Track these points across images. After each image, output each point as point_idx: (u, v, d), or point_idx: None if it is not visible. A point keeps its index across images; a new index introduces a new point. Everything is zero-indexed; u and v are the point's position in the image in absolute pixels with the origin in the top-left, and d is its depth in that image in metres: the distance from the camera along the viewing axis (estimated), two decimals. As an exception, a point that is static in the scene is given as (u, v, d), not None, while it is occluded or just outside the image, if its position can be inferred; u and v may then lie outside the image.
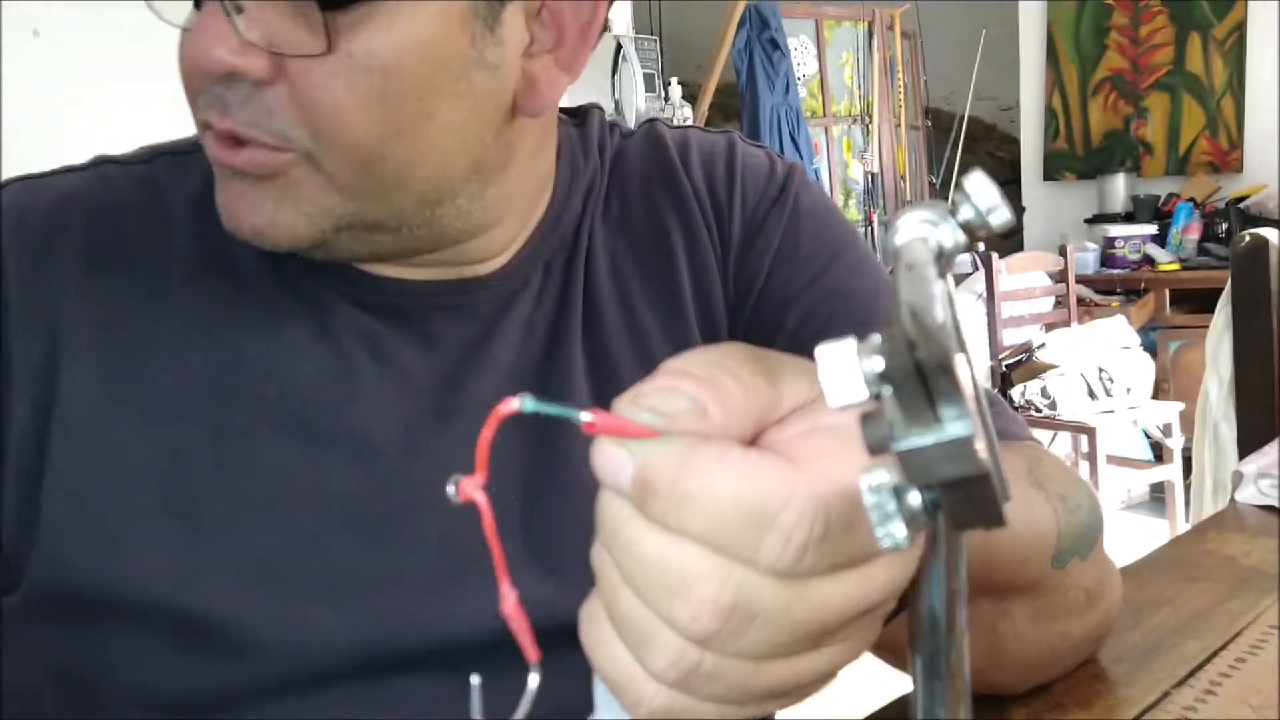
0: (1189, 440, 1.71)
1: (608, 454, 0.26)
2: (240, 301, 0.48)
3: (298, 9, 0.40)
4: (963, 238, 0.29)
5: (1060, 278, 3.21)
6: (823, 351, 0.24)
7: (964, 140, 4.62)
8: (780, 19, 3.84)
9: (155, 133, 0.57)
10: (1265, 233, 1.25)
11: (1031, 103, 4.39)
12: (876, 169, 4.33)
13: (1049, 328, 3.17)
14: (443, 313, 0.51)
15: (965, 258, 3.40)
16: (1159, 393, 3.17)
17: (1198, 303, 3.54)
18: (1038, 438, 0.57)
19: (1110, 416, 2.81)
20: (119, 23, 2.02)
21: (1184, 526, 2.71)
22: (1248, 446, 1.21)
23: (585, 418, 0.26)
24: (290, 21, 0.41)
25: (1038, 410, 2.87)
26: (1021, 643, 0.48)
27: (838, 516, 0.25)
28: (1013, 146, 4.80)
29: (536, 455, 0.51)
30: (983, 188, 0.29)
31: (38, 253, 0.47)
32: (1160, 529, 2.93)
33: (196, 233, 0.49)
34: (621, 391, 0.53)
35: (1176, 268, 3.72)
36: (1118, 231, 3.90)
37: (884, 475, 0.24)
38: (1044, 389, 2.86)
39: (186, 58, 0.42)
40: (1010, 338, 3.08)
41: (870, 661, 0.31)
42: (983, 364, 2.99)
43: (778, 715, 0.45)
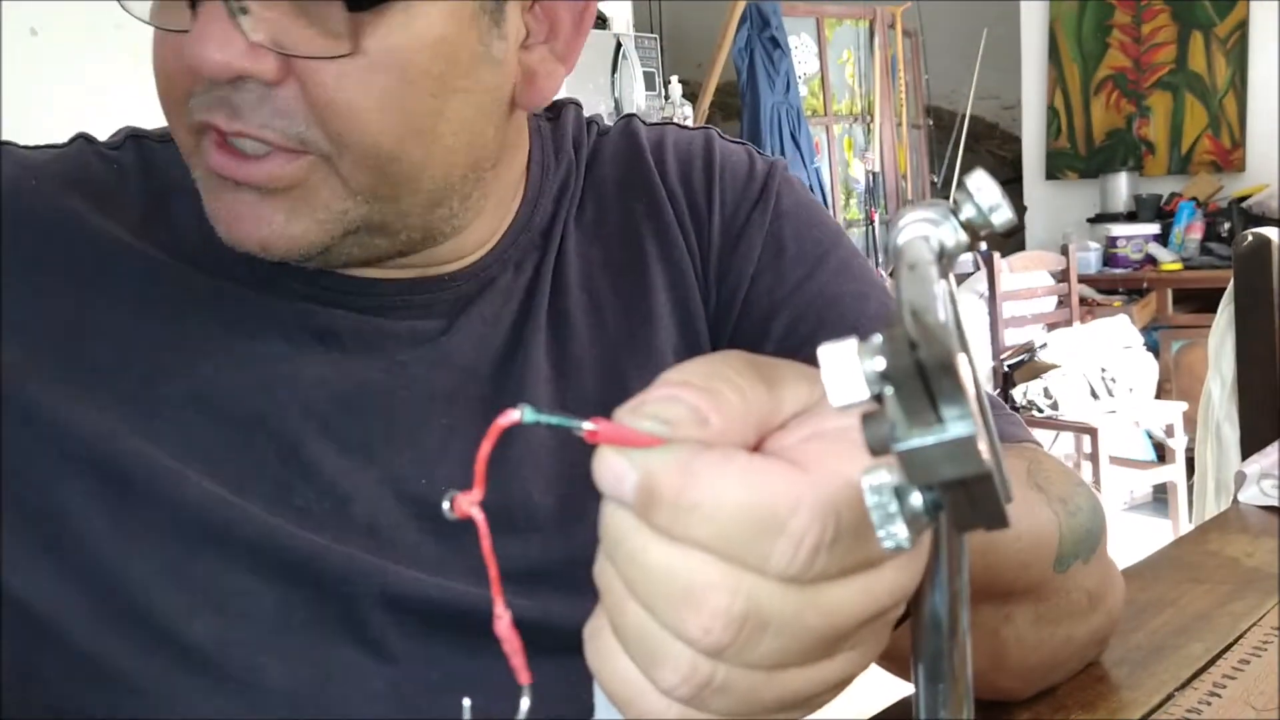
0: (1191, 441, 1.70)
1: (609, 464, 0.25)
2: (194, 285, 0.47)
3: (303, 8, 0.40)
4: (964, 237, 0.29)
5: (1062, 277, 3.21)
6: (824, 351, 0.23)
7: (965, 139, 4.61)
8: (781, 17, 3.83)
9: (154, 132, 0.57)
10: (1268, 232, 1.25)
11: (1033, 101, 4.39)
12: (878, 168, 4.32)
13: (1051, 327, 3.17)
14: (401, 311, 0.50)
15: (967, 257, 3.40)
16: (1161, 393, 3.17)
17: (1200, 302, 3.54)
18: (1039, 439, 0.57)
19: (1112, 417, 2.81)
20: (117, 22, 2.01)
21: (1187, 527, 2.71)
22: (1250, 447, 1.21)
23: (588, 427, 0.25)
24: (296, 21, 0.40)
25: (1040, 410, 2.87)
26: (1024, 647, 0.48)
27: (847, 519, 0.25)
28: (1014, 145, 4.79)
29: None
30: (984, 187, 0.28)
31: None
32: (1163, 530, 2.92)
33: (156, 216, 0.48)
34: (584, 400, 0.53)
35: (1179, 267, 3.72)
36: (1120, 231, 3.90)
37: (885, 475, 0.24)
38: (1046, 389, 2.86)
39: (183, 59, 0.41)
40: (1012, 337, 3.07)
41: (872, 665, 0.30)
42: (985, 364, 2.99)
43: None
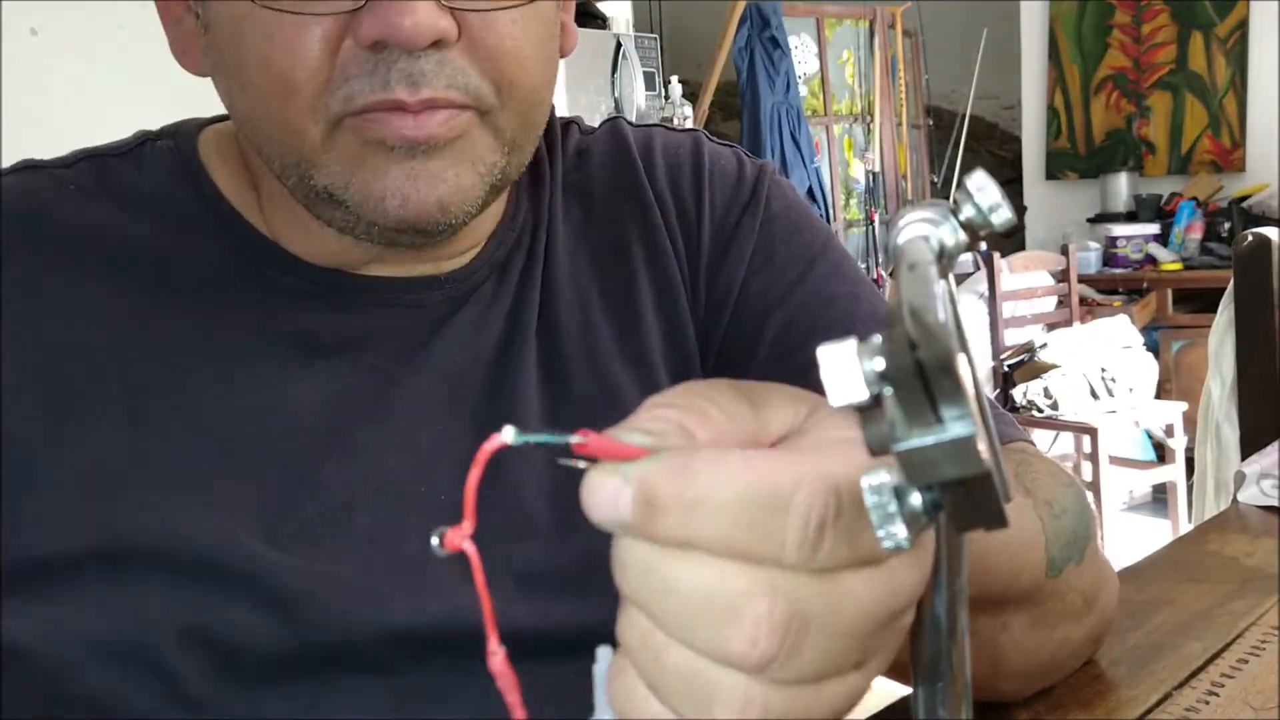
0: (1191, 441, 1.70)
1: (601, 484, 0.25)
2: (173, 300, 0.47)
3: None
4: (964, 237, 0.29)
5: (1062, 277, 3.21)
6: (824, 352, 0.23)
7: (965, 139, 4.61)
8: (781, 17, 3.83)
9: (154, 131, 0.57)
10: (1268, 232, 1.25)
11: (1033, 101, 4.39)
12: (878, 168, 4.32)
13: (1051, 327, 3.17)
14: (392, 310, 0.50)
15: (967, 257, 3.39)
16: (1161, 393, 3.16)
17: (1200, 302, 3.54)
18: (1039, 439, 0.57)
19: (1112, 417, 2.81)
20: (117, 21, 2.02)
21: (1186, 527, 2.71)
22: (1250, 447, 1.21)
23: (575, 439, 0.25)
24: None
25: (1040, 411, 2.87)
26: (1022, 653, 0.48)
27: (849, 497, 0.24)
28: (1014, 145, 4.79)
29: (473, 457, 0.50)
30: (984, 187, 0.28)
31: None
32: (1162, 529, 2.92)
33: (124, 232, 0.48)
34: (574, 404, 0.53)
35: (1179, 267, 3.71)
36: (1120, 231, 3.89)
37: (885, 475, 0.24)
38: (1046, 389, 2.86)
39: (389, 29, 0.40)
40: (1012, 337, 3.07)
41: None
42: (985, 364, 2.99)
43: None
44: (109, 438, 0.44)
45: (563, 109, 3.06)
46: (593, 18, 3.06)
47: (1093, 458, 2.74)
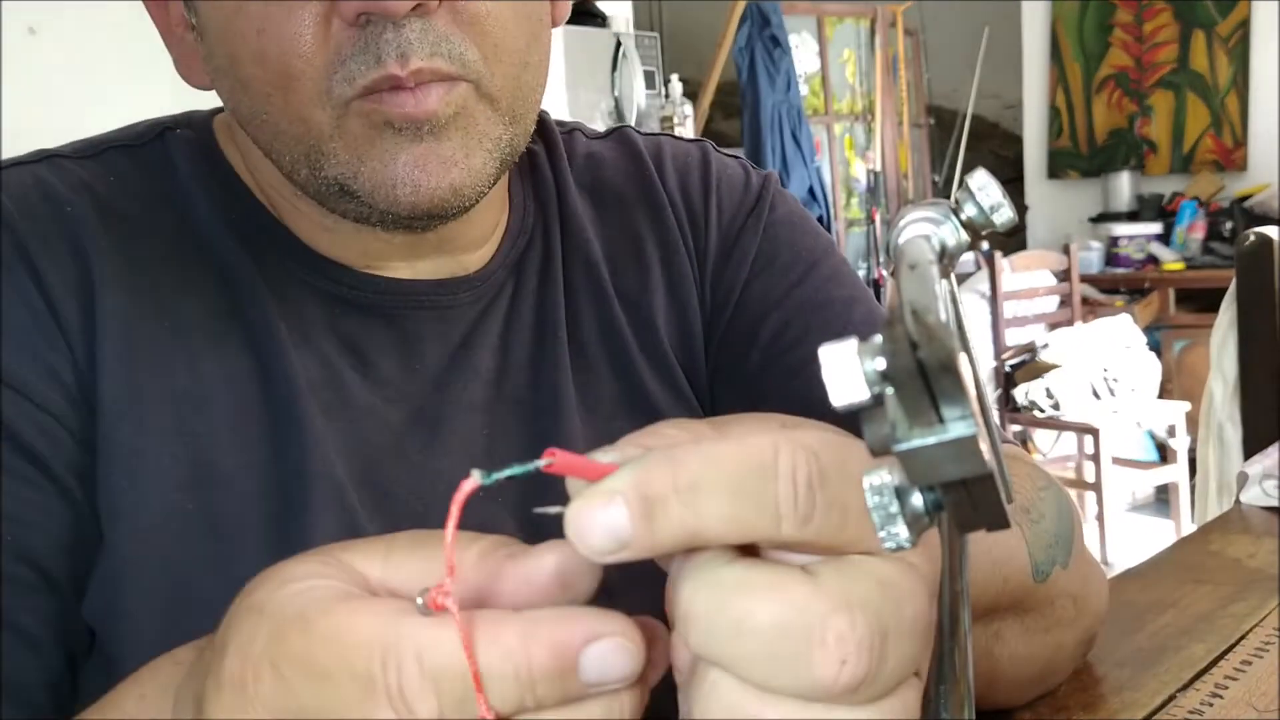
0: (1194, 441, 1.70)
1: (586, 508, 0.23)
2: (231, 305, 0.47)
3: None
4: (965, 236, 0.29)
5: (1064, 277, 3.21)
6: (825, 351, 0.23)
7: (967, 138, 4.61)
8: (781, 16, 3.83)
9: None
10: (1270, 231, 1.25)
11: (1035, 100, 4.39)
12: (879, 167, 4.32)
13: (1053, 327, 3.16)
14: (424, 313, 0.50)
15: (969, 257, 3.39)
16: (1163, 393, 3.16)
17: (1202, 302, 3.54)
18: (1040, 439, 0.57)
19: (1115, 417, 2.80)
20: (115, 21, 2.01)
21: (1189, 528, 2.71)
22: (1252, 447, 1.21)
23: (544, 462, 0.24)
24: None
25: (1041, 411, 2.87)
26: (1017, 662, 0.48)
27: (830, 458, 0.24)
28: (1016, 144, 4.79)
29: (526, 456, 0.50)
30: (986, 186, 0.28)
31: (56, 245, 0.45)
32: (1165, 530, 2.92)
33: (178, 229, 0.48)
34: (605, 404, 0.53)
35: (1181, 267, 3.71)
36: (1122, 230, 3.89)
37: (886, 476, 0.24)
38: (1048, 389, 2.86)
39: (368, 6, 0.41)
40: (1014, 337, 3.07)
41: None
42: (986, 364, 2.99)
43: None
44: (204, 442, 0.44)
45: (563, 107, 3.06)
46: (592, 16, 3.05)
47: (1095, 458, 2.73)
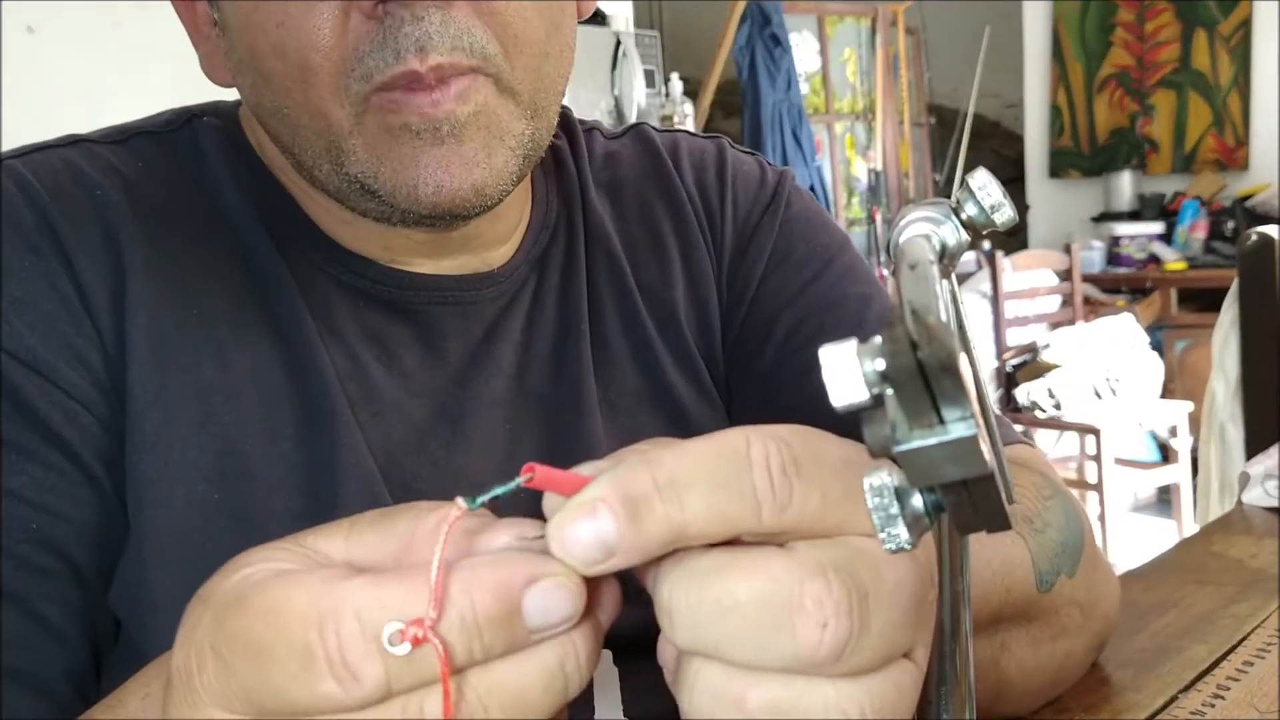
0: (1196, 441, 1.70)
1: (569, 520, 0.24)
2: (260, 295, 0.47)
3: None
4: (966, 236, 0.29)
5: (1066, 276, 3.20)
6: (825, 352, 0.23)
7: (968, 137, 4.61)
8: (782, 15, 3.82)
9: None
10: (1271, 231, 1.25)
11: (1036, 100, 4.38)
12: (880, 166, 4.31)
13: (1054, 327, 3.16)
14: (446, 309, 0.50)
15: (970, 256, 3.39)
16: (1165, 393, 3.15)
17: (1204, 302, 3.53)
18: (1042, 439, 0.57)
19: (1116, 417, 2.80)
20: (114, 20, 2.02)
21: (1191, 528, 2.70)
22: (1255, 447, 1.21)
23: (524, 479, 0.25)
24: None
25: (1043, 411, 2.86)
26: (1026, 672, 0.48)
27: (802, 446, 0.25)
28: (1017, 144, 4.78)
29: (549, 451, 0.50)
30: (986, 185, 0.28)
31: (85, 229, 0.44)
32: (1167, 531, 2.92)
33: (208, 216, 0.48)
34: (628, 399, 0.53)
35: (1183, 266, 3.70)
36: (1123, 230, 3.89)
37: (886, 476, 0.24)
38: (1049, 389, 2.85)
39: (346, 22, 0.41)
40: (1015, 337, 3.07)
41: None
42: (988, 364, 2.98)
43: None
44: (233, 434, 0.44)
45: (564, 108, 3.07)
46: (592, 15, 3.04)
47: (1097, 458, 2.73)
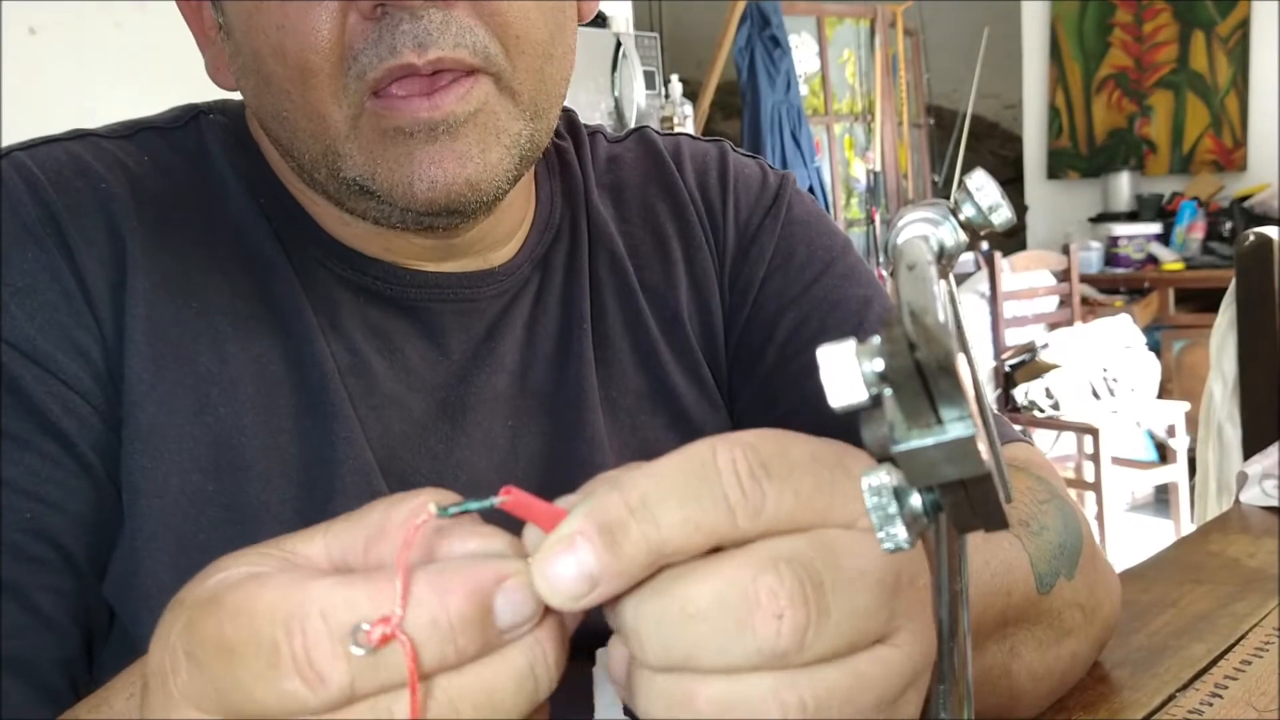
0: (1193, 441, 1.70)
1: (549, 560, 0.24)
2: (261, 289, 0.47)
3: None
4: (964, 236, 0.29)
5: (1064, 277, 3.21)
6: (824, 353, 0.23)
7: (967, 138, 4.61)
8: (781, 16, 3.83)
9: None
10: (1269, 232, 1.25)
11: (1035, 100, 4.38)
12: (879, 167, 4.32)
13: (1052, 327, 3.16)
14: (448, 306, 0.51)
15: (968, 257, 3.39)
16: (1163, 393, 3.16)
17: (1202, 302, 3.53)
18: (1040, 440, 0.57)
19: (1114, 417, 2.80)
20: (115, 20, 2.02)
21: (1189, 528, 2.71)
22: (1252, 447, 1.21)
23: (500, 500, 0.25)
24: None
25: (1041, 411, 2.86)
26: (1036, 677, 0.48)
27: (769, 449, 0.25)
28: (1016, 144, 4.78)
29: (550, 448, 0.51)
30: (984, 186, 0.28)
31: (91, 219, 0.45)
32: (1165, 530, 2.92)
33: (211, 211, 0.48)
34: (629, 399, 0.53)
35: (1180, 267, 3.71)
36: (1121, 230, 3.89)
37: (885, 476, 0.24)
38: (1047, 389, 2.86)
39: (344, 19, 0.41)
40: (1013, 337, 3.07)
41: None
42: (986, 364, 2.98)
43: None
44: (229, 424, 0.44)
45: (563, 109, 3.07)
46: (592, 17, 3.04)
47: (1094, 458, 2.73)
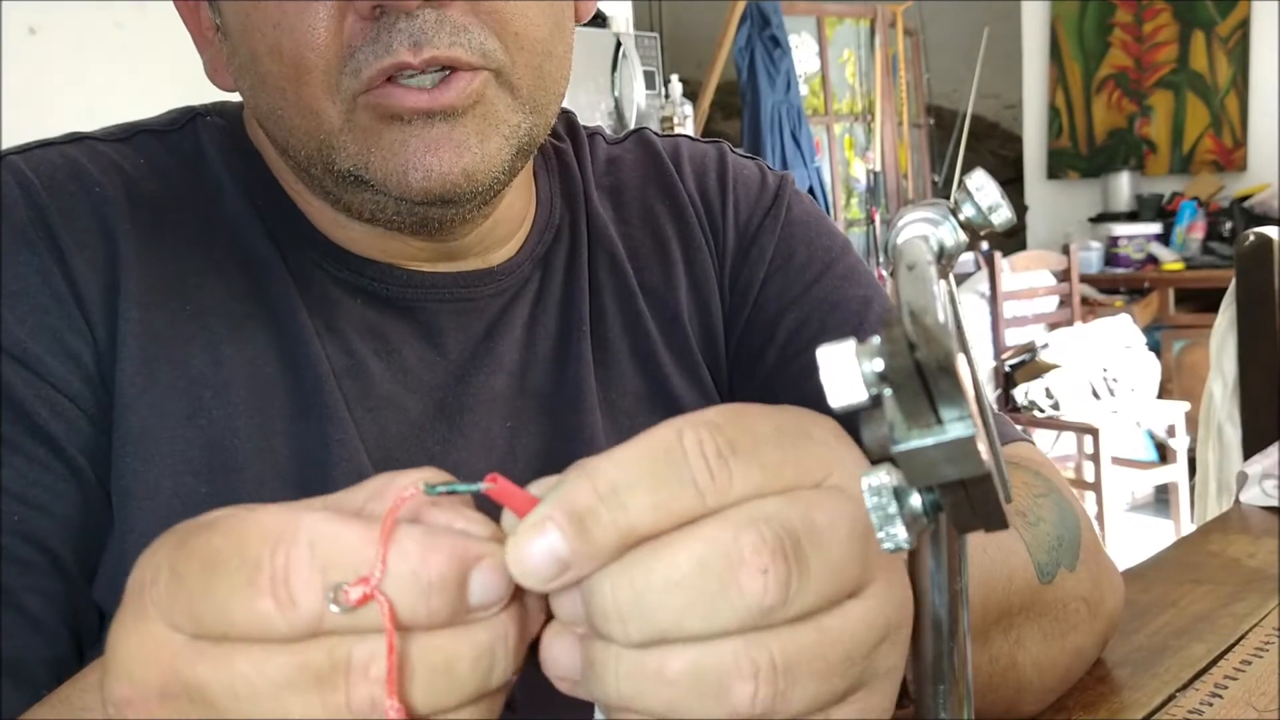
0: (1193, 441, 1.70)
1: (523, 543, 0.24)
2: (257, 291, 0.48)
3: None
4: (964, 236, 0.29)
5: (1064, 277, 3.21)
6: (823, 353, 0.23)
7: (967, 138, 4.61)
8: (781, 16, 3.83)
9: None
10: (1269, 231, 1.25)
11: (1035, 100, 4.38)
12: (879, 167, 4.32)
13: (1052, 327, 3.16)
14: (446, 306, 0.51)
15: (968, 257, 3.39)
16: (1163, 393, 3.16)
17: (1202, 302, 3.53)
18: (1040, 440, 0.57)
19: (1114, 417, 2.80)
20: (115, 20, 2.02)
21: (1189, 528, 2.71)
22: (1252, 447, 1.21)
23: (485, 486, 0.25)
24: None
25: (1041, 411, 2.86)
26: (1041, 669, 0.48)
27: (734, 428, 0.25)
28: (1016, 144, 4.78)
29: (548, 450, 0.51)
30: (984, 186, 0.28)
31: (83, 222, 0.45)
32: (1165, 530, 2.92)
33: (207, 213, 0.48)
34: (628, 400, 0.53)
35: (1180, 267, 3.71)
36: (1121, 230, 3.89)
37: (884, 476, 0.24)
38: (1047, 389, 2.86)
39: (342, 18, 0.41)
40: (1013, 337, 3.07)
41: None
42: (986, 364, 2.98)
43: None
44: (223, 426, 0.45)
45: (563, 109, 3.07)
46: (592, 16, 3.04)
47: (1094, 458, 2.73)
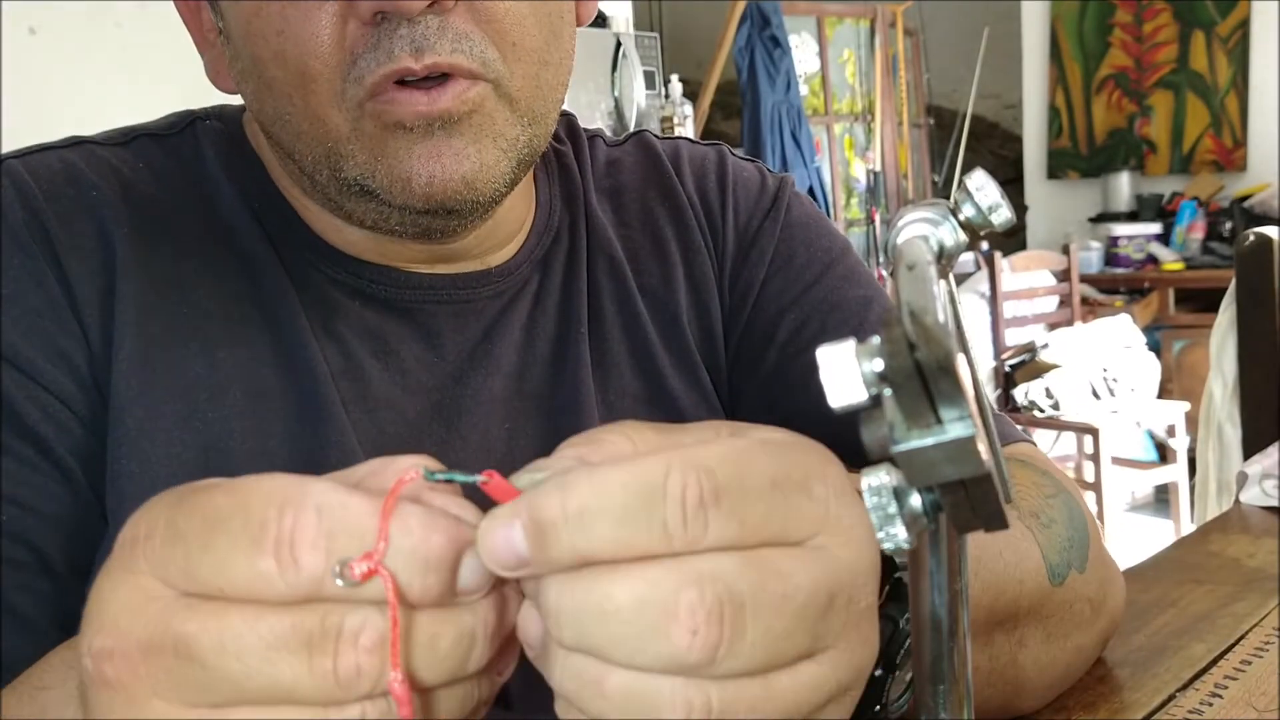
0: (1193, 441, 1.70)
1: (491, 530, 0.24)
2: (254, 293, 0.48)
3: None
4: (964, 236, 0.29)
5: (1064, 277, 3.21)
6: (823, 353, 0.23)
7: (967, 138, 4.61)
8: (781, 16, 3.82)
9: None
10: (1269, 232, 1.25)
11: (1035, 101, 4.38)
12: (879, 167, 4.31)
13: (1052, 327, 3.16)
14: (444, 308, 0.51)
15: (968, 257, 3.39)
16: (1163, 393, 3.16)
17: (1202, 302, 3.53)
18: (1040, 439, 0.57)
19: (1114, 417, 2.80)
20: (116, 20, 2.02)
21: (1189, 528, 2.71)
22: (1252, 447, 1.21)
23: (480, 479, 0.25)
24: None
25: (1041, 411, 2.86)
26: (1040, 669, 0.48)
27: (726, 474, 0.24)
28: (1016, 145, 4.78)
29: (546, 451, 0.51)
30: (984, 186, 0.28)
31: (78, 225, 0.45)
32: (1165, 530, 2.92)
33: (205, 216, 0.48)
34: (626, 402, 0.53)
35: (1180, 267, 3.71)
36: (1121, 230, 3.89)
37: (884, 477, 0.24)
38: (1047, 389, 2.85)
39: (347, 19, 0.41)
40: (1013, 337, 3.07)
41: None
42: (986, 364, 2.98)
43: None
44: (219, 428, 0.45)
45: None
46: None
47: (1094, 458, 2.73)
